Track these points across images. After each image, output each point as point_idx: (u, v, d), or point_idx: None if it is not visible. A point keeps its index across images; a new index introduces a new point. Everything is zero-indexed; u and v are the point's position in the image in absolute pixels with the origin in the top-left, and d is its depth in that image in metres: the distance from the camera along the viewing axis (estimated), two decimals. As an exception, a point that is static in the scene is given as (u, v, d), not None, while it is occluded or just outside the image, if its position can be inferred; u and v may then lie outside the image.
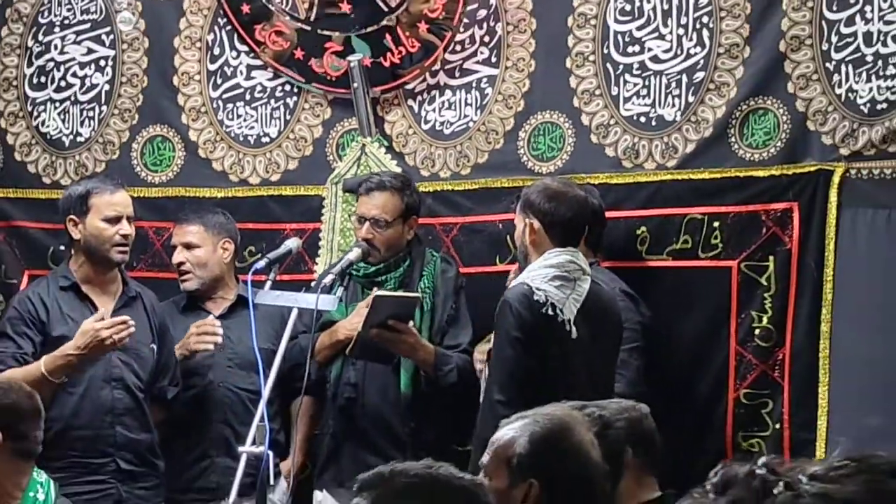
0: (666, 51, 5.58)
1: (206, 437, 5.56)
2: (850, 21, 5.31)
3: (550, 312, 4.62)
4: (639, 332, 5.17)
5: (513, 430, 3.20)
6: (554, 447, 3.17)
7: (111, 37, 6.40)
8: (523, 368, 4.62)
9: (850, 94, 5.29)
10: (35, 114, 6.50)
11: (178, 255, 5.67)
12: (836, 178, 5.29)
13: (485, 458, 3.20)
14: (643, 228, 5.52)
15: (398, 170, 5.77)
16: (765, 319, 5.36)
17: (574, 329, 4.66)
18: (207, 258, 5.65)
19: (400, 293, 5.31)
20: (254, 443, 4.76)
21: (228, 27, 6.21)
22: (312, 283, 5.65)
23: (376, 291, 5.24)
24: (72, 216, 5.40)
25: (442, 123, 5.92)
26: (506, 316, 4.65)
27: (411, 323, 5.28)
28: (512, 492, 3.09)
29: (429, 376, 5.31)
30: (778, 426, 5.34)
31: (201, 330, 5.52)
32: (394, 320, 5.15)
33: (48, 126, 6.48)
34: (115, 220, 5.37)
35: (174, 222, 5.79)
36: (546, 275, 4.69)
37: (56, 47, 6.49)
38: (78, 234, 5.39)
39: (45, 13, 6.49)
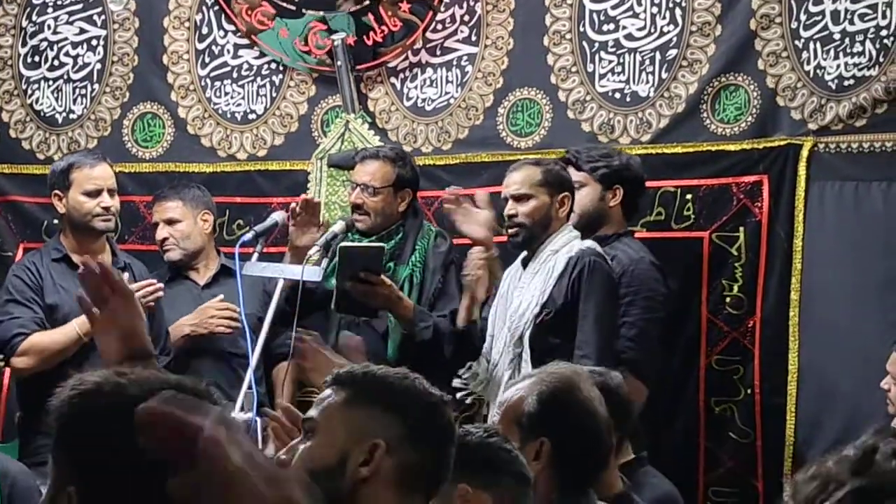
0: (640, 29, 5.67)
1: (198, 403, 5.66)
2: (818, 0, 5.42)
3: None
4: (661, 302, 5.18)
5: (521, 390, 3.23)
6: (562, 404, 3.20)
7: (102, 17, 6.47)
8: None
9: (818, 71, 5.39)
10: (29, 92, 6.58)
11: (162, 231, 5.71)
12: (804, 152, 5.38)
13: (494, 419, 3.24)
14: (618, 200, 5.58)
15: (381, 144, 5.83)
16: (735, 288, 5.45)
17: None
18: (190, 231, 5.71)
19: (364, 243, 5.34)
20: (242, 409, 4.88)
21: (216, 7, 6.27)
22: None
23: (342, 243, 5.25)
24: (56, 191, 5.47)
25: (423, 100, 6.01)
26: (604, 273, 4.86)
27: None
28: (524, 450, 3.09)
29: (407, 332, 5.33)
30: (749, 392, 5.43)
31: (224, 314, 5.60)
32: (365, 273, 5.18)
33: (42, 104, 6.55)
34: (95, 194, 5.42)
35: (154, 200, 5.82)
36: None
37: (49, 27, 6.56)
38: (62, 207, 5.47)
39: (39, -6, 6.56)
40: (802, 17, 5.43)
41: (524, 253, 5.08)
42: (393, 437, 2.48)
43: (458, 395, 5.01)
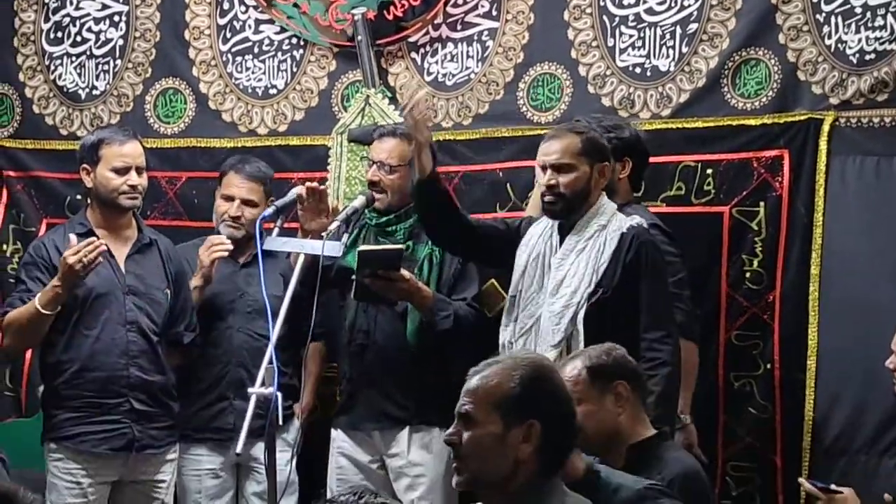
0: (660, 3, 5.66)
1: (223, 379, 5.65)
2: (839, -27, 5.38)
3: None
4: (681, 264, 5.16)
5: (494, 376, 3.19)
6: (545, 386, 3.18)
7: (125, -7, 6.49)
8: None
9: (839, 45, 5.37)
10: (52, 68, 6.61)
11: (235, 209, 5.70)
12: (825, 127, 5.37)
13: (466, 407, 3.17)
14: (638, 175, 5.58)
15: (400, 120, 5.85)
16: (755, 263, 5.45)
17: None
18: (258, 216, 5.60)
19: (382, 246, 5.34)
20: (263, 384, 4.91)
21: (237, -18, 6.30)
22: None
23: (360, 247, 5.27)
24: (85, 165, 5.46)
25: (444, 75, 6.01)
26: (659, 253, 4.85)
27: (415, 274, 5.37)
28: (509, 434, 3.10)
29: (427, 321, 5.35)
30: (769, 366, 5.43)
31: (209, 246, 5.60)
32: (384, 270, 5.20)
33: (65, 79, 6.58)
34: (123, 171, 5.40)
35: (233, 171, 5.76)
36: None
37: (72, 3, 6.59)
38: (90, 182, 5.45)
39: (62, -30, 6.58)
40: (824, -9, 5.41)
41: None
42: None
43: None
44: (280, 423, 4.70)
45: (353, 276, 5.20)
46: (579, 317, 4.77)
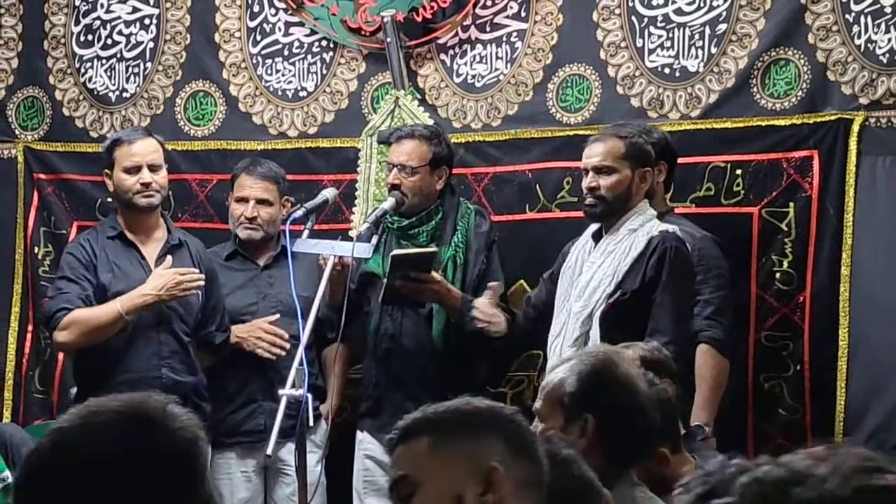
0: (689, 3, 5.66)
1: (253, 381, 5.66)
2: (869, -27, 5.36)
3: None
4: (728, 279, 5.20)
5: (561, 373, 3.26)
6: (602, 380, 3.23)
7: (155, -5, 6.52)
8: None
9: (869, 45, 5.35)
10: (82, 70, 6.62)
11: (250, 210, 5.70)
12: (855, 127, 5.36)
13: (537, 404, 3.26)
14: (668, 176, 5.58)
15: (430, 122, 5.84)
16: (785, 264, 5.44)
17: None
18: (275, 216, 5.73)
19: (414, 250, 5.38)
20: (293, 386, 4.91)
21: (267, -16, 6.31)
22: (350, 232, 5.79)
23: (394, 251, 5.31)
24: (105, 169, 5.55)
25: (473, 76, 6.01)
26: (686, 259, 4.85)
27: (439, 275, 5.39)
28: (567, 429, 3.15)
29: (455, 322, 5.38)
30: (798, 367, 5.42)
31: (271, 340, 5.60)
32: (415, 272, 5.23)
33: (95, 82, 6.59)
34: (134, 170, 5.44)
35: (245, 173, 5.78)
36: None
37: (102, 6, 6.60)
38: (112, 185, 5.53)
39: (92, -27, 6.61)
40: (853, -9, 5.40)
41: (594, 226, 5.06)
42: (500, 455, 2.36)
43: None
44: (310, 424, 4.73)
45: (385, 280, 5.22)
46: (595, 316, 4.83)
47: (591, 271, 4.91)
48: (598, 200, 4.95)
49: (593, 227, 5.09)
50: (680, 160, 5.37)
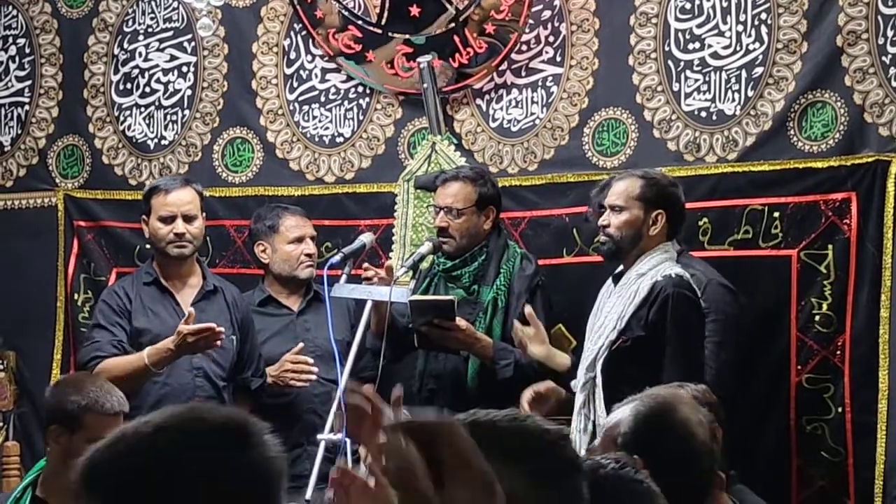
0: (725, 47, 5.67)
1: (296, 426, 5.63)
2: (905, 15, 5.37)
3: None
4: (732, 325, 5.14)
5: (621, 413, 3.25)
6: (657, 425, 3.20)
7: (192, 44, 6.57)
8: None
9: (905, 87, 5.36)
10: (121, 118, 6.68)
11: (310, 247, 5.78)
12: (893, 168, 5.35)
13: (596, 442, 3.28)
14: (705, 219, 5.58)
15: (466, 166, 5.83)
16: (825, 306, 5.42)
17: None
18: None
19: (432, 297, 5.40)
20: (332, 430, 4.92)
21: (304, 32, 6.34)
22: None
23: (411, 297, 5.32)
24: (143, 216, 5.59)
25: (509, 121, 6.03)
26: (689, 305, 4.82)
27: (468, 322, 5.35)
28: None
29: (489, 369, 5.35)
30: (840, 410, 5.39)
31: (299, 368, 5.63)
32: (439, 319, 5.24)
33: (134, 130, 6.64)
34: (169, 220, 5.48)
35: (299, 215, 5.85)
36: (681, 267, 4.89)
37: (140, 55, 6.66)
38: (147, 232, 5.58)
39: (130, 22, 6.66)
40: (889, 33, 5.40)
41: (620, 267, 5.06)
42: (518, 488, 2.14)
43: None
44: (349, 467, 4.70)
45: (411, 325, 5.24)
46: (598, 362, 4.82)
47: (603, 317, 4.92)
48: (607, 238, 4.97)
49: (620, 268, 5.08)
50: (717, 203, 5.41)
